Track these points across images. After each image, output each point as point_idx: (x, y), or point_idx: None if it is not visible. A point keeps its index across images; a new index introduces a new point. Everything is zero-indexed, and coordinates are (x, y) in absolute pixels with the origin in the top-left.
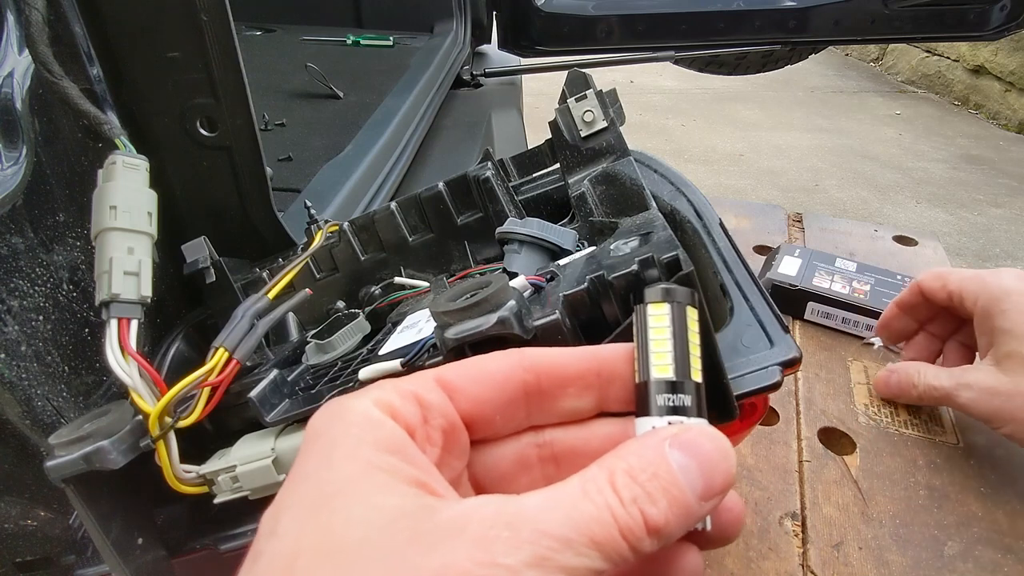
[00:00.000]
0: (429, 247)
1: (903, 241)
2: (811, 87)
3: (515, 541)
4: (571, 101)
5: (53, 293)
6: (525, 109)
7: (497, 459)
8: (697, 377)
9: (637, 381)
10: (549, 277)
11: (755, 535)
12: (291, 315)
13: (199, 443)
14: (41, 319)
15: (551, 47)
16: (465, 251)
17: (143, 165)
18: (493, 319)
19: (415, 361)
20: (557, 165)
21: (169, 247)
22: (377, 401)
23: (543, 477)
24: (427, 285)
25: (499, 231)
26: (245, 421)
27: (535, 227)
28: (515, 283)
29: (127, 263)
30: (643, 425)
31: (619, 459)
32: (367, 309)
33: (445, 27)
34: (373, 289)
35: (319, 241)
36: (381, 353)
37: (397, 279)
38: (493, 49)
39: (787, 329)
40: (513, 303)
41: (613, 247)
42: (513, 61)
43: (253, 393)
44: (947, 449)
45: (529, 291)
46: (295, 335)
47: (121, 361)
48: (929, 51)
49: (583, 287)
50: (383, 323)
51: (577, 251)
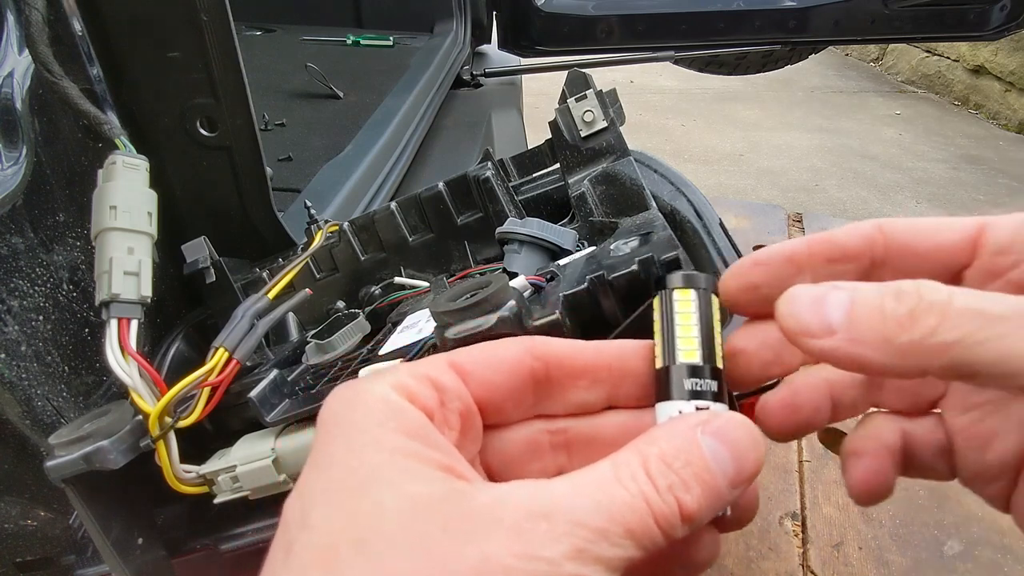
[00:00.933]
0: (429, 247)
1: None
2: (811, 87)
3: (553, 533)
4: (571, 101)
5: (53, 293)
6: (525, 109)
7: (508, 444)
8: (720, 364)
9: (658, 366)
10: (549, 277)
11: (755, 535)
12: (291, 315)
13: (199, 443)
14: (41, 319)
15: (551, 47)
16: (465, 251)
17: (143, 165)
18: (493, 319)
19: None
20: (557, 165)
21: (169, 247)
22: (395, 385)
23: (554, 464)
24: (427, 285)
25: (499, 231)
26: (245, 421)
27: (535, 227)
28: (515, 283)
29: (127, 263)
30: (666, 409)
31: (651, 444)
32: (367, 309)
33: (445, 27)
34: (373, 289)
35: (319, 241)
36: (381, 353)
37: (397, 279)
38: (493, 49)
39: None
40: (513, 303)
41: (613, 247)
42: (513, 61)
43: (253, 393)
44: None
45: (529, 291)
46: (295, 335)
47: (121, 361)
48: (929, 51)
49: (583, 287)
50: (383, 323)
51: (577, 251)
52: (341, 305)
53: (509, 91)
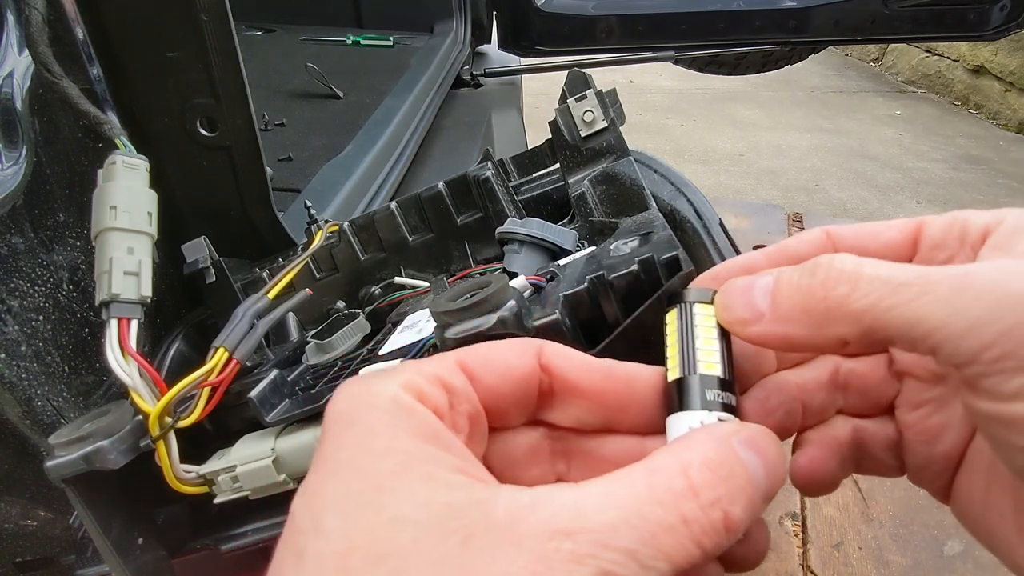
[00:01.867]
0: (429, 247)
1: None
2: (811, 87)
3: (576, 555)
4: (571, 101)
5: (53, 293)
6: (525, 109)
7: (510, 446)
8: (733, 379)
9: (673, 378)
10: (549, 277)
11: None
12: (291, 315)
13: (199, 443)
14: (41, 319)
15: (551, 47)
16: (465, 251)
17: (143, 165)
18: (493, 319)
19: None
20: (557, 165)
21: (169, 247)
22: (406, 385)
23: (553, 471)
24: (427, 285)
25: (499, 231)
26: (245, 421)
27: (535, 227)
28: (515, 283)
29: (127, 263)
30: (684, 420)
31: (691, 449)
32: (367, 309)
33: (445, 27)
34: (373, 289)
35: (319, 241)
36: (381, 353)
37: (397, 279)
38: (493, 49)
39: None
40: (513, 303)
41: (613, 247)
42: (513, 61)
43: (253, 393)
44: None
45: (529, 291)
46: (295, 335)
47: (121, 361)
48: (929, 51)
49: (583, 287)
50: (383, 323)
51: (577, 251)
52: (341, 305)
53: (509, 91)
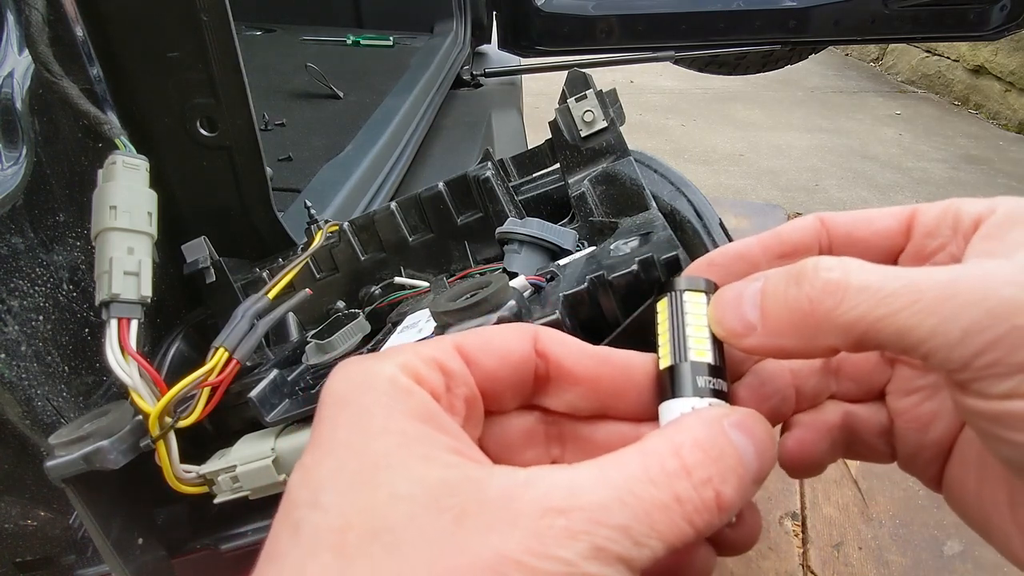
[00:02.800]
0: (429, 247)
1: None
2: (811, 87)
3: (570, 531)
4: (571, 101)
5: (53, 293)
6: (525, 109)
7: (505, 430)
8: (724, 366)
9: (664, 366)
10: (549, 277)
11: None
12: (291, 315)
13: (199, 443)
14: (41, 319)
15: (551, 47)
16: (465, 251)
17: (143, 165)
18: (493, 319)
19: None
20: (557, 165)
21: (169, 247)
22: (403, 367)
23: (548, 455)
24: (427, 285)
25: (499, 231)
26: (245, 421)
27: (535, 227)
28: (515, 283)
29: (127, 263)
30: (676, 407)
31: (682, 431)
32: (367, 309)
33: (445, 27)
34: (373, 289)
35: (319, 241)
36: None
37: (397, 279)
38: (493, 49)
39: None
40: (513, 303)
41: (613, 247)
42: (513, 61)
43: (253, 393)
44: None
45: (529, 291)
46: (295, 335)
47: (121, 361)
48: (929, 51)
49: (583, 287)
50: (383, 323)
51: (577, 251)
52: (341, 305)
53: (509, 91)
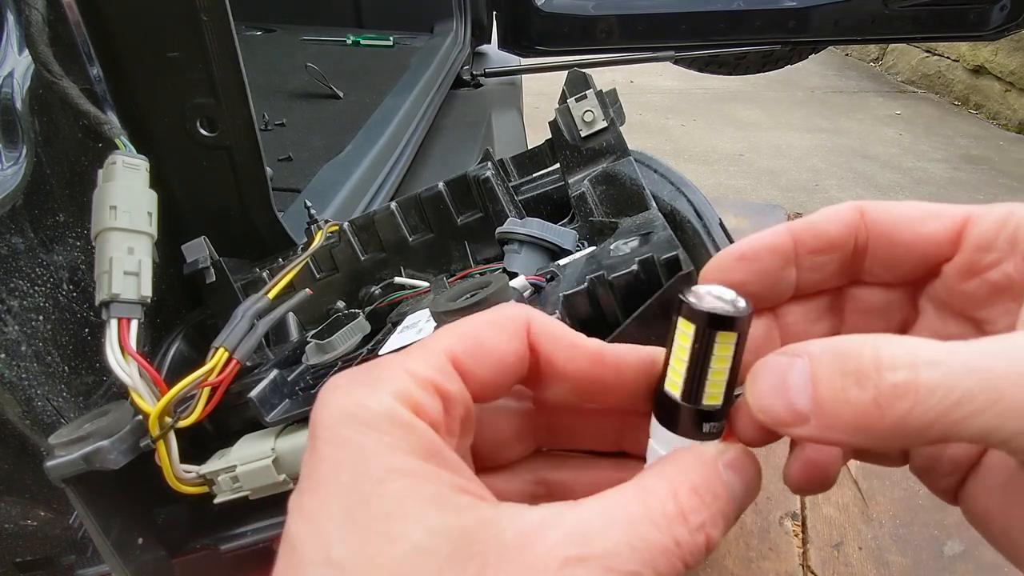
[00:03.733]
0: (429, 247)
1: None
2: (811, 87)
3: None
4: (571, 101)
5: (53, 293)
6: (525, 109)
7: (496, 429)
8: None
9: (676, 397)
10: (549, 277)
11: (755, 535)
12: (291, 315)
13: (199, 443)
14: (41, 319)
15: (551, 47)
16: (465, 251)
17: (143, 165)
18: None
19: None
20: (557, 165)
21: (169, 247)
22: (399, 397)
23: (534, 443)
24: (427, 285)
25: (499, 231)
26: (245, 421)
27: (535, 227)
28: (515, 283)
29: (127, 263)
30: (670, 440)
31: (681, 474)
32: (367, 309)
33: (445, 27)
34: (373, 289)
35: (319, 241)
36: (381, 353)
37: (397, 279)
38: (493, 49)
39: None
40: (513, 303)
41: (613, 247)
42: (513, 61)
43: (253, 393)
44: None
45: (529, 291)
46: (295, 335)
47: (121, 361)
48: (929, 51)
49: (583, 287)
50: (383, 323)
51: (577, 251)
52: (341, 305)
53: (509, 91)
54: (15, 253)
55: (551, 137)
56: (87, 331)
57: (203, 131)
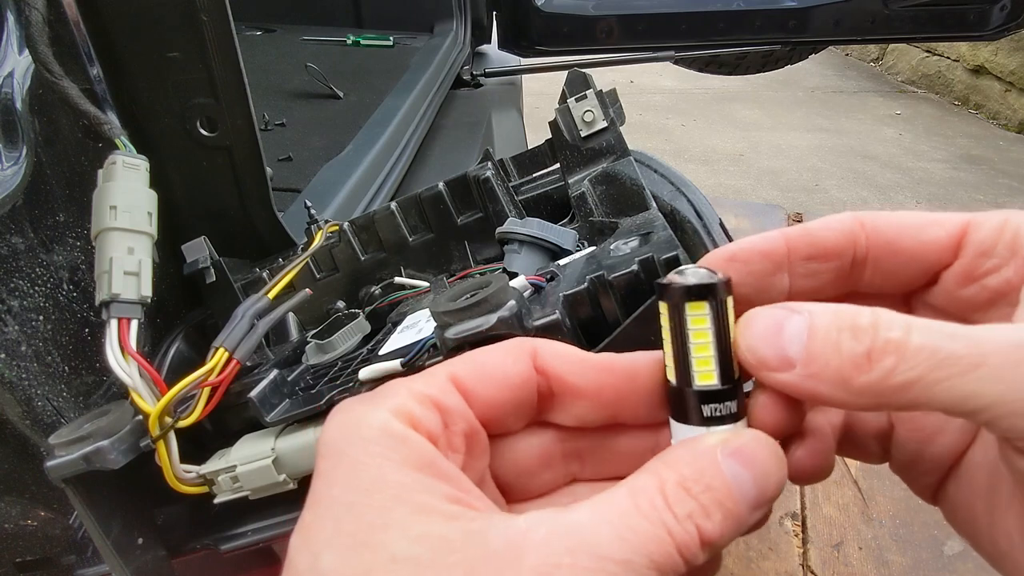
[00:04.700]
0: (429, 247)
1: None
2: (811, 87)
3: (576, 570)
4: (571, 101)
5: (53, 293)
6: (525, 109)
7: (519, 454)
8: (737, 373)
9: (673, 383)
10: (549, 277)
11: (755, 535)
12: (291, 315)
13: (199, 443)
14: (41, 319)
15: (551, 47)
16: (465, 251)
17: (143, 165)
18: (493, 319)
19: (415, 361)
20: (557, 165)
21: (169, 247)
22: (396, 412)
23: (566, 474)
24: (427, 285)
25: (499, 231)
26: (245, 421)
27: (535, 227)
28: (515, 283)
29: (127, 263)
30: (683, 431)
31: (669, 467)
32: (367, 309)
33: (445, 27)
34: (373, 289)
35: (319, 241)
36: (381, 353)
37: (397, 279)
38: (493, 49)
39: None
40: (513, 303)
41: (613, 247)
42: (513, 61)
43: (253, 393)
44: None
45: (529, 291)
46: (295, 335)
47: (121, 361)
48: (929, 51)
49: (583, 287)
50: (383, 323)
51: (577, 251)
52: (341, 305)
53: (509, 91)
54: (15, 253)
55: (551, 137)
56: (87, 331)
57: (203, 131)
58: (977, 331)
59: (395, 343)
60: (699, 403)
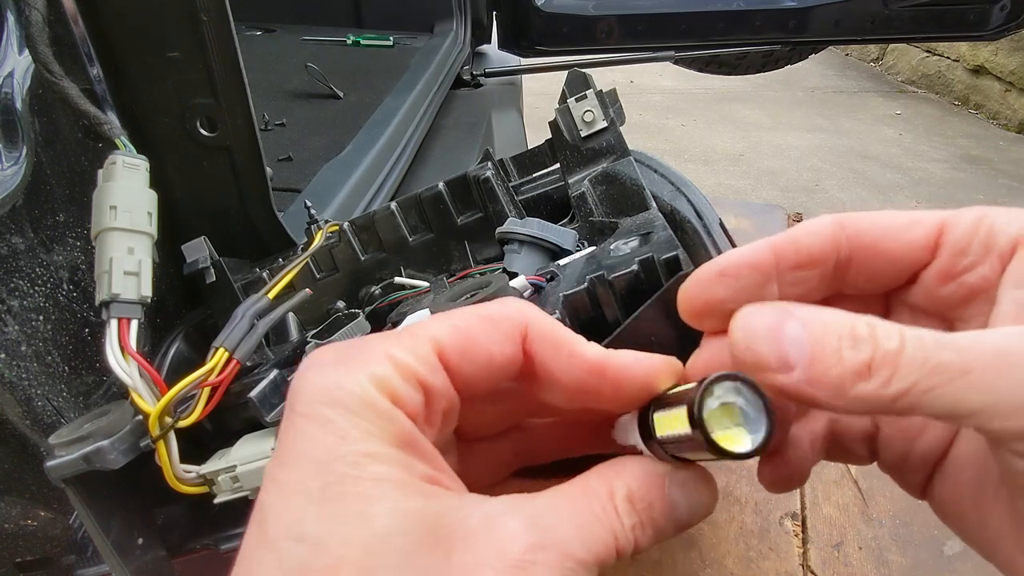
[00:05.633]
0: (429, 247)
1: None
2: (811, 87)
3: (548, 564)
4: (571, 101)
5: (53, 293)
6: (525, 109)
7: (485, 416)
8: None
9: (653, 427)
10: (549, 277)
11: (755, 535)
12: (291, 315)
13: (199, 443)
14: (41, 319)
15: (551, 47)
16: (465, 251)
17: (143, 165)
18: None
19: None
20: (557, 165)
21: (169, 247)
22: (378, 385)
23: (518, 420)
24: (427, 285)
25: (499, 231)
26: (245, 421)
27: (535, 227)
28: (515, 283)
29: (127, 263)
30: (642, 443)
31: (620, 478)
32: (367, 309)
33: (445, 27)
34: (373, 289)
35: (319, 241)
36: None
37: (397, 279)
38: (493, 49)
39: None
40: None
41: (613, 247)
42: (513, 61)
43: (253, 393)
44: None
45: (529, 291)
46: (295, 335)
47: (121, 361)
48: (929, 51)
49: (583, 287)
50: (383, 323)
51: (577, 251)
52: (341, 305)
53: (509, 91)
54: (15, 253)
55: (551, 137)
56: (87, 331)
57: (203, 131)
58: (963, 339)
59: None
60: (668, 455)
